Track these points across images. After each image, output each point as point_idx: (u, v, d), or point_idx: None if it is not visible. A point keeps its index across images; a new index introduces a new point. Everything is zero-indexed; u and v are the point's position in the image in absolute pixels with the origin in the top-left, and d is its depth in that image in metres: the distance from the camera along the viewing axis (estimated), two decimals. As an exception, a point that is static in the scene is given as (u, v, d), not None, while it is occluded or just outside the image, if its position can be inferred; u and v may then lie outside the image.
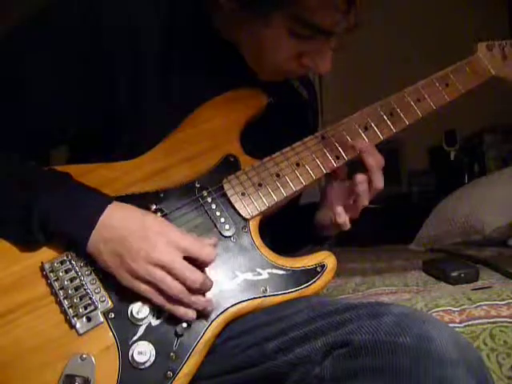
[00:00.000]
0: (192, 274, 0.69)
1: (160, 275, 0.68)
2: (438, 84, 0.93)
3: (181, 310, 0.69)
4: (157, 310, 0.71)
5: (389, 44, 2.93)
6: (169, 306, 0.69)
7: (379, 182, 0.83)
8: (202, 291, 0.70)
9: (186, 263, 0.69)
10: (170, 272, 0.68)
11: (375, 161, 0.83)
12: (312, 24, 0.74)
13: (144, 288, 0.69)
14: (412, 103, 0.91)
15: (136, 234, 0.69)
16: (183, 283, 0.68)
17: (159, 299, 0.69)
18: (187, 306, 0.69)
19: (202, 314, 0.71)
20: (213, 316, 0.72)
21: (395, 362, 0.58)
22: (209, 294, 0.72)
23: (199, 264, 0.71)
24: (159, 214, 0.76)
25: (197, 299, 0.70)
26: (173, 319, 0.71)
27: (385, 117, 0.89)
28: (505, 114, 2.80)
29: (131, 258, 0.68)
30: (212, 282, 0.72)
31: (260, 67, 0.84)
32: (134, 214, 0.72)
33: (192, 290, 0.69)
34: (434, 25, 2.97)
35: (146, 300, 0.70)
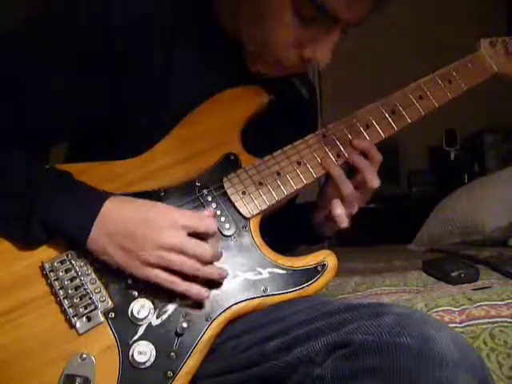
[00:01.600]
0: (202, 248, 0.71)
1: (172, 257, 0.69)
2: (440, 81, 0.92)
3: (197, 289, 0.70)
4: (157, 310, 0.71)
5: (388, 43, 2.93)
6: (184, 286, 0.70)
7: (375, 181, 0.83)
8: (213, 262, 0.72)
9: (193, 240, 0.71)
10: (180, 252, 0.69)
11: (374, 161, 0.83)
12: (319, 3, 0.72)
13: (157, 273, 0.69)
14: (414, 101, 0.90)
15: (138, 223, 0.70)
16: (195, 259, 0.70)
17: (174, 281, 0.70)
18: (202, 280, 0.71)
19: (203, 314, 0.71)
20: (213, 315, 0.72)
21: (396, 362, 0.57)
22: (209, 294, 0.72)
23: (203, 237, 0.72)
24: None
25: (211, 268, 0.72)
26: (173, 319, 0.71)
27: (386, 115, 0.88)
28: (505, 114, 2.80)
29: (139, 248, 0.69)
30: (221, 253, 0.74)
31: (259, 54, 0.82)
32: (133, 204, 0.72)
33: (205, 263, 0.71)
34: (434, 24, 2.97)
35: (146, 300, 0.71)
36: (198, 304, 0.72)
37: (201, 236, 0.72)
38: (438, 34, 2.94)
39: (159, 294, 0.71)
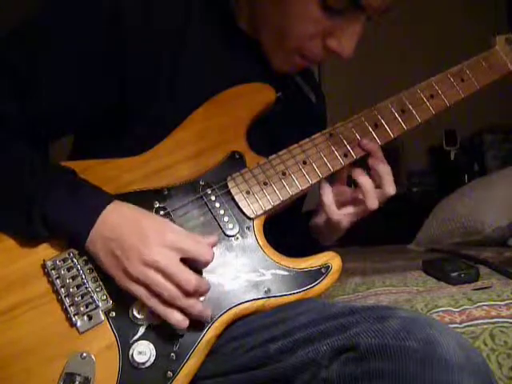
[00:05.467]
0: (186, 277, 0.67)
1: (154, 277, 0.66)
2: (452, 79, 0.90)
3: (174, 317, 0.67)
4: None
5: (389, 44, 2.93)
6: (162, 310, 0.67)
7: (391, 188, 0.82)
8: (197, 295, 0.69)
9: (181, 265, 0.67)
10: (164, 274, 0.66)
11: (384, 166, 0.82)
12: None
13: (137, 289, 0.67)
14: (425, 99, 0.87)
15: (132, 234, 0.68)
16: (178, 286, 0.67)
17: (152, 302, 0.67)
18: (182, 310, 0.68)
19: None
20: (214, 316, 0.71)
21: (401, 366, 0.57)
22: (210, 294, 0.71)
23: (197, 265, 0.70)
24: (162, 212, 0.75)
25: (192, 303, 0.68)
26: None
27: (396, 114, 0.86)
28: (505, 114, 2.81)
29: (126, 258, 0.67)
30: (209, 285, 0.69)
31: (280, 48, 0.81)
32: (133, 213, 0.71)
33: (187, 294, 0.67)
34: (435, 25, 2.97)
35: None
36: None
37: (195, 264, 0.69)
38: (438, 35, 2.94)
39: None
